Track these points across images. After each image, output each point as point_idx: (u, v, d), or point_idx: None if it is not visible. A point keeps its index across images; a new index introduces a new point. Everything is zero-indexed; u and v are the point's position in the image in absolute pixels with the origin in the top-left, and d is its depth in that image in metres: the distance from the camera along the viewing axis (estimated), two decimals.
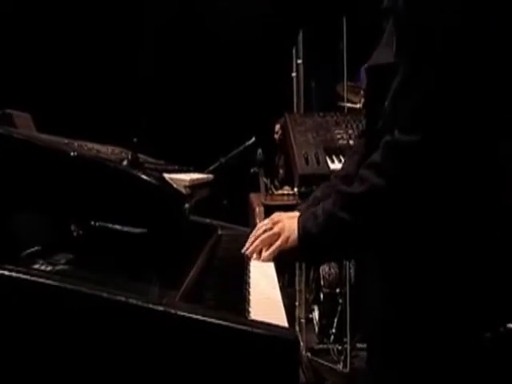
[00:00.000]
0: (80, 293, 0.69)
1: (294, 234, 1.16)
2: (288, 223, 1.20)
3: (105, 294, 0.69)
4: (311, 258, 1.21)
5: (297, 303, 3.25)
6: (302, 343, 3.13)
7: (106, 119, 4.65)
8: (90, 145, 1.18)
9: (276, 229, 1.21)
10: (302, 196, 2.42)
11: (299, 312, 3.22)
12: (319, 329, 3.33)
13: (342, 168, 1.34)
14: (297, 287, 3.27)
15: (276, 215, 1.26)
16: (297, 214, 1.23)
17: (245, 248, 1.25)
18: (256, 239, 1.23)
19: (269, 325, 0.72)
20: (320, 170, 2.39)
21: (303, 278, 3.28)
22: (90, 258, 0.98)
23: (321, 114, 2.68)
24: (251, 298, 0.94)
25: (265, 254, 1.21)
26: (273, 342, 0.68)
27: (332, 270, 3.33)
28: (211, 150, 3.86)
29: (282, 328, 0.73)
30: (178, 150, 4.28)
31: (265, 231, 1.22)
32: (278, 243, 1.19)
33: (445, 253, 1.00)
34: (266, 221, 1.26)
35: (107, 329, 0.69)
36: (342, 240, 1.09)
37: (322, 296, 3.33)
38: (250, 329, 0.68)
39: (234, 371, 0.68)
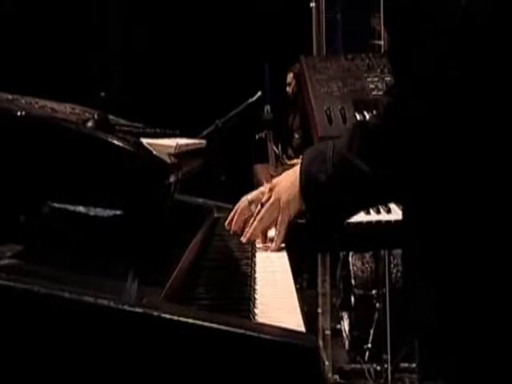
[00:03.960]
0: (31, 293, 0.70)
1: (295, 189, 1.18)
2: (285, 179, 1.21)
3: (66, 294, 0.71)
4: (317, 215, 1.21)
5: (320, 310, 3.27)
6: (326, 362, 3.16)
7: (61, 70, 4.65)
8: (42, 102, 1.19)
9: (273, 197, 1.22)
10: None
11: (323, 321, 3.25)
12: (350, 343, 3.37)
13: None
14: (319, 289, 3.30)
15: (272, 181, 1.27)
16: (297, 167, 1.22)
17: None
18: (235, 215, 1.25)
19: (279, 329, 0.74)
20: None
21: (328, 277, 3.30)
22: (46, 249, 1.00)
23: (348, 56, 2.67)
24: (257, 296, 0.96)
25: (272, 244, 1.23)
26: (285, 350, 0.69)
27: (366, 266, 3.35)
28: (205, 110, 3.86)
29: (297, 333, 0.75)
30: (163, 110, 4.29)
31: (262, 205, 1.24)
32: (280, 220, 1.21)
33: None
34: (262, 189, 1.27)
35: (70, 338, 0.71)
36: (358, 195, 1.12)
37: (353, 300, 3.35)
38: (255, 334, 0.69)
39: None
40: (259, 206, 1.27)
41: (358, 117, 2.43)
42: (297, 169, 1.20)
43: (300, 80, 2.95)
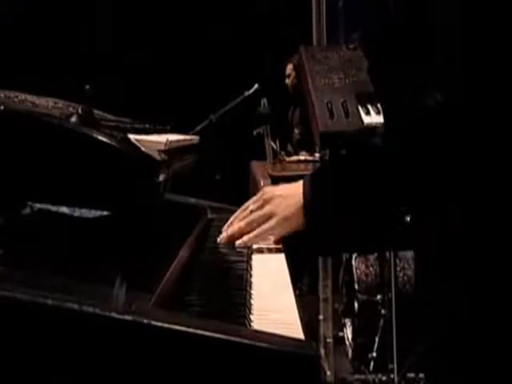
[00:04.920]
0: (11, 300, 0.70)
1: (296, 208, 1.19)
2: (285, 197, 1.22)
3: (49, 301, 0.71)
4: (323, 237, 1.24)
5: (321, 317, 3.29)
6: (328, 372, 3.17)
7: (42, 61, 4.65)
8: (21, 96, 1.19)
9: (267, 208, 1.23)
10: (326, 163, 2.43)
11: (325, 329, 3.26)
12: (354, 352, 3.37)
13: None
14: (321, 294, 3.31)
15: (268, 189, 1.28)
16: (299, 184, 1.24)
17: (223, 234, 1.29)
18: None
19: (277, 336, 0.74)
20: (350, 125, 2.39)
21: (330, 282, 3.31)
22: (26, 253, 1.00)
23: (351, 45, 2.68)
24: (253, 302, 0.96)
25: (249, 235, 1.23)
26: (282, 359, 0.69)
27: (370, 269, 3.35)
28: (197, 104, 3.87)
29: (296, 340, 0.75)
30: (152, 104, 4.29)
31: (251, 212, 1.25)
32: (266, 225, 1.22)
33: None
34: (255, 197, 1.28)
35: (54, 348, 0.71)
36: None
37: (356, 306, 3.36)
38: (251, 342, 0.70)
39: None
40: (248, 211, 1.27)
41: (361, 110, 2.43)
42: (298, 188, 1.21)
43: (299, 71, 2.96)
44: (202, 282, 1.08)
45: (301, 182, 1.22)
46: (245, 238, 1.25)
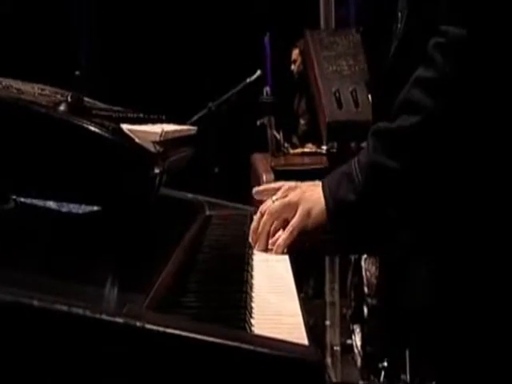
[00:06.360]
0: None
1: (319, 207, 1.21)
2: (309, 191, 1.24)
3: (35, 302, 0.71)
4: (350, 242, 1.27)
5: (328, 322, 3.29)
6: (333, 380, 3.17)
7: (29, 44, 4.65)
8: (6, 81, 1.20)
9: (291, 196, 1.25)
10: (333, 156, 2.44)
11: (332, 335, 3.27)
12: (363, 360, 3.38)
13: None
14: (327, 298, 3.31)
15: (291, 183, 1.30)
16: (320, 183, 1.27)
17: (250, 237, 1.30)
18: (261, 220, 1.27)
19: (279, 341, 0.74)
20: (359, 115, 2.39)
21: (337, 285, 3.31)
22: (11, 250, 1.00)
23: (361, 28, 2.67)
24: (254, 305, 0.97)
25: (279, 240, 1.24)
26: (284, 365, 0.69)
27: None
28: (195, 91, 3.87)
29: (299, 346, 0.75)
30: (146, 92, 4.29)
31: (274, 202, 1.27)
32: (296, 220, 1.23)
33: None
34: (278, 186, 1.30)
35: (40, 353, 0.71)
36: (395, 204, 1.16)
37: (366, 311, 3.36)
38: (251, 347, 0.70)
39: None
40: (269, 201, 1.28)
41: (372, 100, 2.43)
42: (319, 186, 1.25)
43: (305, 57, 2.96)
44: (200, 282, 1.09)
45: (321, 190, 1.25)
46: (278, 242, 1.27)
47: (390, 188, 1.18)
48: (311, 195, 1.24)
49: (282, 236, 1.26)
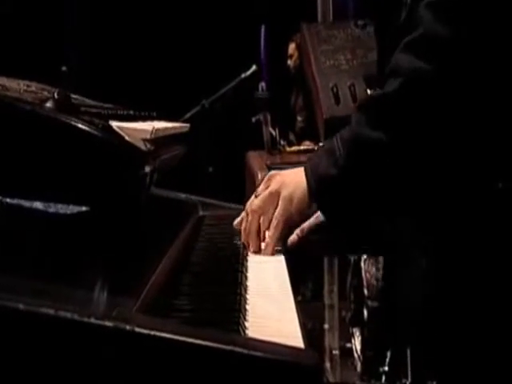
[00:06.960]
0: None
1: (301, 189, 1.22)
2: (290, 175, 1.25)
3: (21, 306, 0.71)
4: (334, 216, 1.26)
5: (326, 325, 3.29)
6: None
7: (13, 39, 4.64)
8: None
9: (272, 186, 1.26)
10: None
11: (330, 339, 3.27)
12: (363, 365, 3.38)
13: None
14: (326, 301, 3.31)
15: (272, 172, 1.32)
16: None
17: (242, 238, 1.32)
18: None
19: (274, 345, 0.74)
20: None
21: (336, 287, 3.31)
22: None
23: (359, 22, 2.67)
24: (249, 307, 0.97)
25: (266, 239, 1.25)
26: (280, 369, 0.69)
27: (381, 273, 3.36)
28: (188, 88, 3.86)
29: (295, 349, 0.76)
30: (137, 88, 4.28)
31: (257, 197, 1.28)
32: (278, 210, 1.24)
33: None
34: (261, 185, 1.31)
35: (27, 358, 0.71)
36: (379, 175, 1.16)
37: (366, 314, 3.37)
38: (245, 351, 0.70)
39: None
40: (252, 197, 1.29)
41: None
42: (301, 169, 1.23)
43: (302, 51, 2.96)
44: (192, 284, 1.09)
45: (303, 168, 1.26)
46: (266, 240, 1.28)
47: (375, 160, 1.16)
48: (292, 179, 1.24)
49: (268, 234, 1.27)
